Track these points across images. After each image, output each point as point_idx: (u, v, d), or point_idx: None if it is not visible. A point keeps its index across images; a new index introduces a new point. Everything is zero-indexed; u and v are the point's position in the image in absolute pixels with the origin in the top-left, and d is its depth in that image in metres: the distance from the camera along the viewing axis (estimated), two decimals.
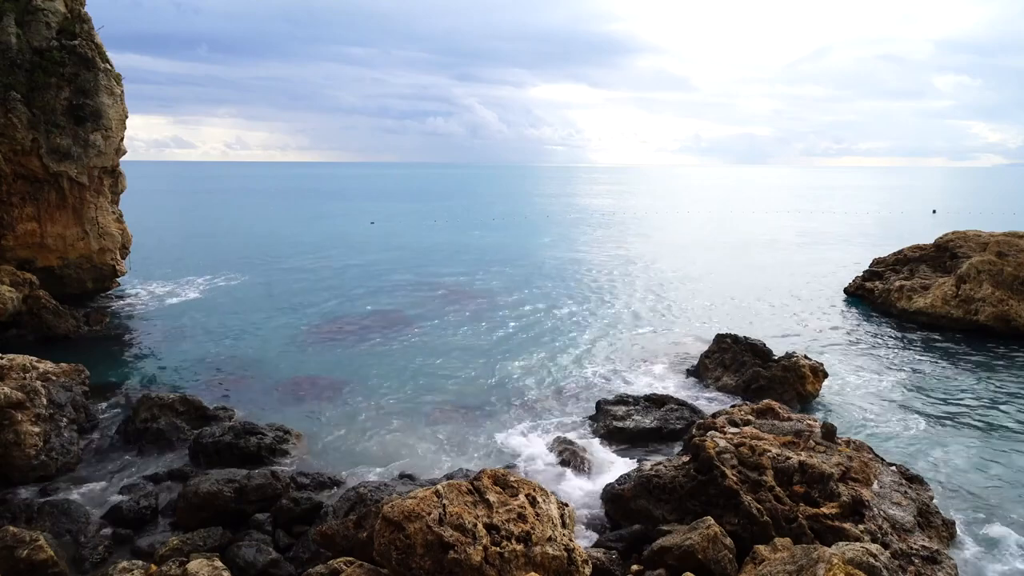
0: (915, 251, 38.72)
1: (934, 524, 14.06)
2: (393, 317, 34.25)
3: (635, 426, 19.43)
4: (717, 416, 17.49)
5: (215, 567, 11.51)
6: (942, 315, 31.65)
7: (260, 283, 43.00)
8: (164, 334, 30.57)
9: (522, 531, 10.66)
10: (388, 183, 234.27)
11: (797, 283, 43.83)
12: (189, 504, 14.89)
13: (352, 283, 43.28)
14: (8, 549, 12.34)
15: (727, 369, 24.30)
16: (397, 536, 10.38)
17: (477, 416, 21.50)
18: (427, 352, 28.11)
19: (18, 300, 28.81)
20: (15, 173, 31.08)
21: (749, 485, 13.69)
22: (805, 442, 15.39)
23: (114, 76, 33.61)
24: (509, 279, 44.80)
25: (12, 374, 18.32)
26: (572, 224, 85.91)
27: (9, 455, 16.45)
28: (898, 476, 15.28)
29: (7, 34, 30.21)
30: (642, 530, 14.00)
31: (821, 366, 23.22)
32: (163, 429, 19.00)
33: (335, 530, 12.55)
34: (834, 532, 12.66)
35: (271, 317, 34.09)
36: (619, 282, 44.26)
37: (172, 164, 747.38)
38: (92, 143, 32.33)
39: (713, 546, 12.21)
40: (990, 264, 31.24)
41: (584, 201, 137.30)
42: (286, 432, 19.13)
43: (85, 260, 34.08)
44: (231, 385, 24.21)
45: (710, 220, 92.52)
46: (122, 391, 23.19)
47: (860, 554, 10.56)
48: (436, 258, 54.62)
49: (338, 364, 26.50)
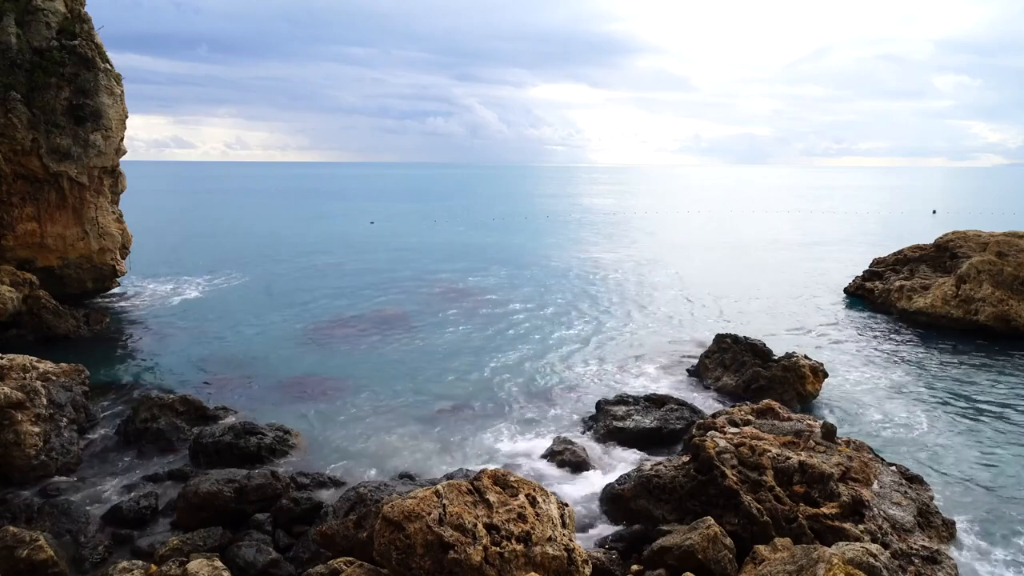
0: (915, 251, 38.73)
1: (934, 524, 14.07)
2: (393, 317, 34.25)
3: (635, 426, 19.42)
4: (717, 416, 17.50)
5: (215, 567, 11.51)
6: (942, 315, 31.65)
7: (260, 283, 43.01)
8: (164, 334, 30.57)
9: (522, 531, 10.66)
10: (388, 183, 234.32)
11: (797, 283, 43.84)
12: (189, 504, 14.88)
13: (352, 283, 43.28)
14: (8, 549, 12.34)
15: (727, 369, 24.29)
16: (397, 536, 10.38)
17: (477, 416, 21.50)
18: (427, 352, 28.11)
19: (18, 300, 28.81)
20: (15, 173, 31.08)
21: (749, 485, 13.69)
22: (805, 442, 15.39)
23: (114, 76, 33.61)
24: (509, 279, 44.81)
25: (12, 374, 18.32)
26: (572, 224, 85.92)
27: (9, 455, 16.45)
28: (898, 476, 15.28)
29: (7, 34, 30.21)
30: (642, 530, 13.99)
31: (821, 366, 23.22)
32: (163, 429, 19.00)
33: (335, 530, 12.55)
34: (834, 532, 12.67)
35: (271, 317, 34.10)
36: (619, 282, 44.26)
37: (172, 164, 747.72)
38: (92, 143, 32.32)
39: (713, 546, 12.21)
40: (990, 264, 31.24)
41: (584, 201, 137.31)
42: (286, 432, 19.13)
43: (85, 260, 34.07)
44: (231, 385, 24.21)
45: (710, 220, 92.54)
46: (122, 391, 23.19)
47: (860, 554, 10.56)
48: (436, 258, 54.63)
49: (338, 364, 26.50)
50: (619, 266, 50.77)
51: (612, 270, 48.89)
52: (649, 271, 48.48)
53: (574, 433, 19.96)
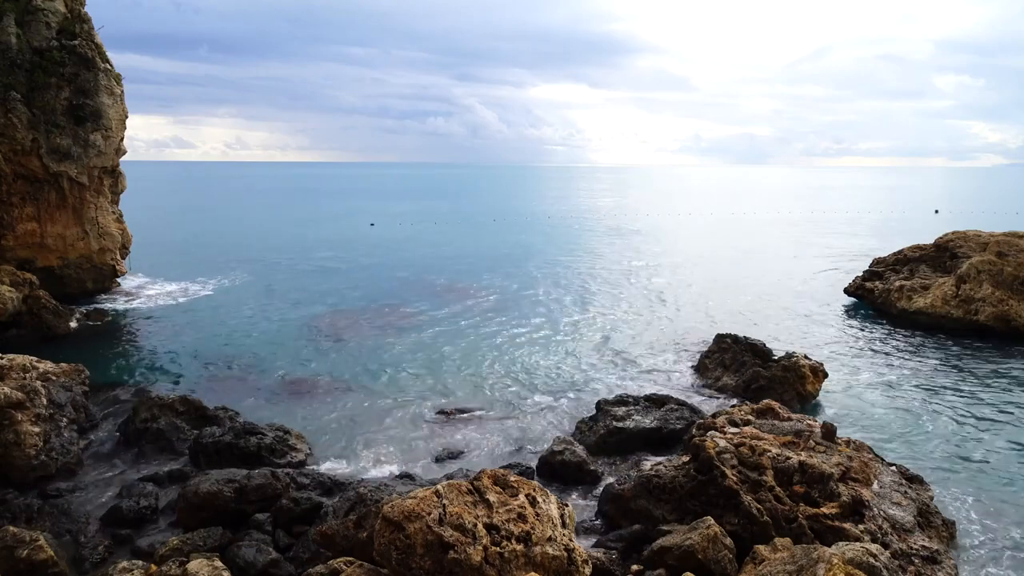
0: (915, 251, 38.71)
1: (934, 524, 14.06)
2: (393, 317, 34.26)
3: (635, 426, 19.41)
4: (717, 416, 17.49)
5: (215, 567, 11.51)
6: (942, 315, 31.64)
7: (260, 283, 43.01)
8: (164, 334, 30.57)
9: (522, 531, 10.66)
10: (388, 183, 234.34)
11: (797, 283, 43.85)
12: (189, 504, 14.88)
13: (352, 283, 43.29)
14: (8, 549, 12.34)
15: (727, 369, 24.30)
16: (397, 536, 10.37)
17: (477, 416, 21.52)
18: (427, 352, 28.11)
19: (18, 300, 28.82)
20: (15, 173, 31.10)
21: (749, 485, 13.69)
22: (805, 442, 15.39)
23: (114, 76, 33.63)
24: (509, 279, 44.82)
25: (12, 374, 18.32)
26: (572, 224, 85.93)
27: (9, 455, 16.45)
28: (898, 476, 15.29)
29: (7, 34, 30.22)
30: (642, 530, 13.99)
31: (821, 366, 23.22)
32: (163, 429, 19.00)
33: (335, 530, 12.54)
34: (834, 532, 12.66)
35: (271, 317, 34.10)
36: (619, 282, 44.27)
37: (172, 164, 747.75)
38: (92, 143, 32.34)
39: (713, 546, 12.21)
40: (990, 264, 31.24)
41: (584, 201, 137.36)
42: (286, 432, 19.12)
43: (85, 260, 34.08)
44: (231, 385, 24.21)
45: (710, 220, 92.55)
46: (122, 391, 23.20)
47: (860, 554, 10.56)
48: (436, 258, 54.64)
49: (338, 364, 26.51)
50: (619, 266, 50.78)
51: (612, 270, 48.90)
52: (649, 271, 48.49)
53: (574, 433, 19.96)
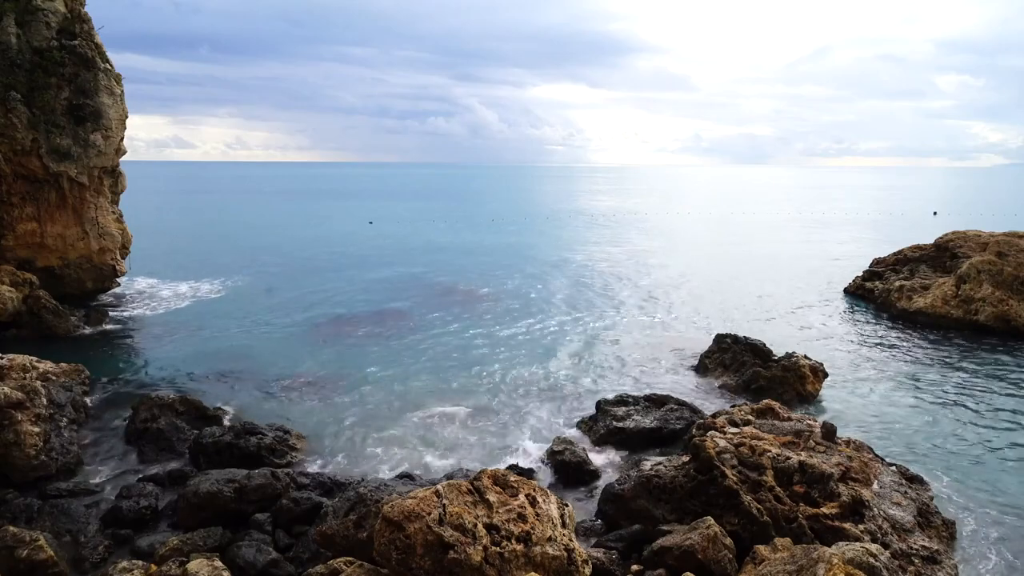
0: (915, 251, 38.74)
1: (934, 524, 14.06)
2: (393, 317, 34.25)
3: (635, 426, 19.43)
4: (717, 416, 17.49)
5: (215, 567, 11.51)
6: (942, 315, 31.65)
7: (260, 283, 43.01)
8: (164, 334, 30.57)
9: (522, 531, 10.66)
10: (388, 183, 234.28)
11: (797, 283, 43.82)
12: (189, 504, 14.88)
13: (352, 283, 43.28)
14: (8, 549, 12.35)
15: (727, 369, 24.31)
16: (397, 536, 10.37)
17: (477, 416, 21.51)
18: (427, 352, 28.10)
19: (18, 300, 28.81)
20: (15, 173, 31.07)
21: (749, 485, 13.69)
22: (805, 442, 15.39)
23: (114, 76, 33.60)
24: (509, 279, 44.81)
25: (12, 374, 18.33)
26: (573, 224, 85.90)
27: (9, 455, 16.45)
28: (898, 476, 15.29)
29: (7, 34, 30.21)
30: (642, 530, 13.99)
31: (821, 366, 23.22)
32: (163, 429, 19.00)
33: (335, 530, 12.54)
34: (834, 532, 12.67)
35: (271, 317, 34.10)
36: (619, 282, 44.26)
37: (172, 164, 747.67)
38: (92, 143, 32.31)
39: (713, 546, 12.21)
40: (990, 264, 31.24)
41: (585, 201, 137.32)
42: (286, 432, 19.13)
43: (85, 260, 34.06)
44: (231, 385, 24.21)
45: (710, 220, 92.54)
46: (122, 391, 23.19)
47: (860, 554, 10.55)
48: (436, 258, 54.62)
49: (338, 364, 26.50)
50: (619, 266, 50.76)
51: (612, 270, 48.88)
52: (649, 271, 48.48)
53: (574, 433, 19.97)
